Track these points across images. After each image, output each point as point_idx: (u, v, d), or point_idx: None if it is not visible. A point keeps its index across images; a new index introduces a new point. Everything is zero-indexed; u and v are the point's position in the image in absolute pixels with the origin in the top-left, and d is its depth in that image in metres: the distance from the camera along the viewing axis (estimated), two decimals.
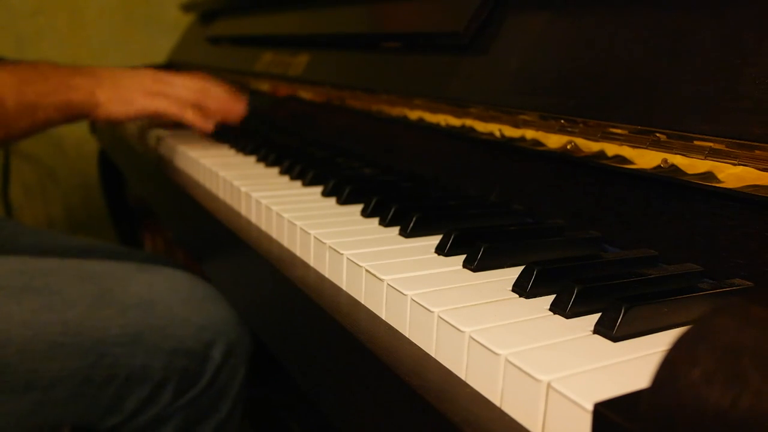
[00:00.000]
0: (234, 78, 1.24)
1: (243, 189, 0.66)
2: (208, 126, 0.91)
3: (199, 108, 0.90)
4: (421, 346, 0.38)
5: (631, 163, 0.47)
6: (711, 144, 0.42)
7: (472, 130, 0.62)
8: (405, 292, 0.40)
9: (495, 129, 0.60)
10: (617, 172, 0.49)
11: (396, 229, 0.53)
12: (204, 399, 0.75)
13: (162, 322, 0.71)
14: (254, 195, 0.64)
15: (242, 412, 0.81)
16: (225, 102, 0.93)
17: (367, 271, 0.44)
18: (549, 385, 0.30)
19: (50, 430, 0.68)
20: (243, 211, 0.67)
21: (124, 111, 0.86)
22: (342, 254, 0.47)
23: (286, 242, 0.57)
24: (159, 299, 0.73)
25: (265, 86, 1.11)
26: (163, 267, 0.80)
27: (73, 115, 0.84)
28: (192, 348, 0.72)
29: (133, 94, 0.87)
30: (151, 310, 0.72)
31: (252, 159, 0.84)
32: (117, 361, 0.68)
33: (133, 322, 0.70)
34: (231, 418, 0.78)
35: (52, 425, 0.67)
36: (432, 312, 0.37)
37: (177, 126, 1.01)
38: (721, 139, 0.42)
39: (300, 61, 1.02)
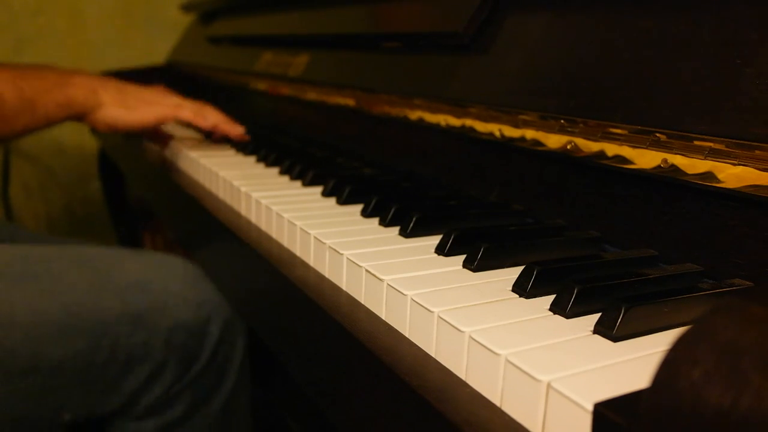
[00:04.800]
0: (234, 78, 1.24)
1: (243, 189, 0.66)
2: (206, 122, 0.90)
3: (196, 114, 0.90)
4: (421, 346, 0.38)
5: (631, 163, 0.47)
6: (711, 144, 0.42)
7: (472, 130, 0.62)
8: (405, 292, 0.40)
9: (495, 129, 0.60)
10: (617, 172, 0.49)
11: (396, 229, 0.53)
12: (208, 375, 0.76)
13: (159, 302, 0.72)
14: (254, 195, 0.64)
15: (250, 385, 0.82)
16: (223, 117, 0.93)
17: (367, 271, 0.44)
18: (549, 385, 0.30)
19: (52, 416, 0.68)
20: (243, 211, 0.67)
21: (127, 117, 0.85)
22: (342, 254, 0.47)
23: (286, 242, 0.57)
24: (155, 279, 0.74)
25: (265, 86, 1.11)
26: (155, 252, 0.82)
27: (73, 112, 0.84)
28: (190, 324, 0.73)
29: (135, 101, 0.86)
30: (148, 290, 0.73)
31: (252, 159, 0.84)
32: (118, 341, 0.69)
33: (132, 302, 0.71)
34: (238, 392, 0.80)
35: (54, 409, 0.68)
36: (432, 312, 0.37)
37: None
38: (721, 139, 0.42)
39: (300, 61, 1.02)
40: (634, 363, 0.32)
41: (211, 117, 0.91)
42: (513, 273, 0.43)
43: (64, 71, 0.86)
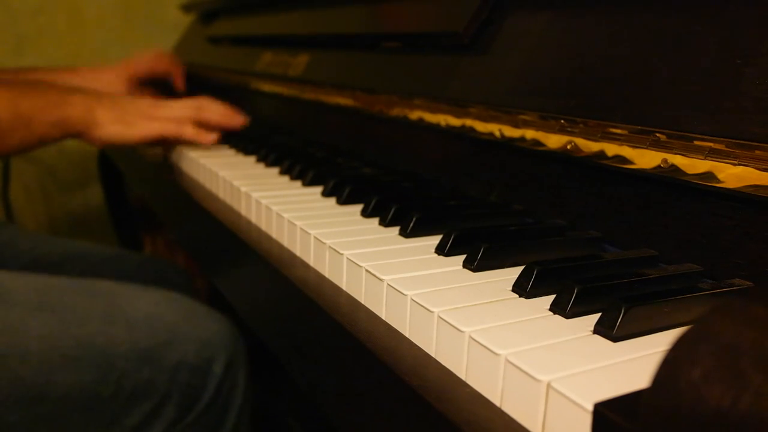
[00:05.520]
0: (234, 78, 1.24)
1: (243, 189, 0.66)
2: (211, 138, 0.89)
3: (198, 124, 0.89)
4: (421, 346, 0.38)
5: (631, 163, 0.47)
6: (711, 144, 0.42)
7: (472, 130, 0.62)
8: (405, 292, 0.40)
9: (495, 129, 0.60)
10: (617, 172, 0.49)
11: (396, 229, 0.53)
12: (210, 415, 0.76)
13: (167, 338, 0.73)
14: (254, 195, 0.64)
15: (249, 424, 0.82)
16: (223, 113, 0.92)
17: (367, 271, 0.44)
18: (549, 385, 0.30)
19: None
20: (243, 212, 0.67)
21: (124, 133, 0.84)
22: (342, 254, 0.47)
23: (286, 242, 0.57)
24: (164, 316, 0.75)
25: (265, 86, 1.11)
26: (164, 289, 0.83)
27: (69, 131, 0.83)
28: (194, 363, 0.74)
29: (134, 117, 0.85)
30: (156, 326, 0.74)
31: (252, 159, 0.84)
32: (124, 375, 0.70)
33: (141, 338, 0.72)
34: (239, 429, 0.80)
35: None
36: (432, 312, 0.37)
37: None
38: (721, 139, 0.42)
39: (300, 61, 1.02)
40: (634, 363, 0.32)
41: (213, 122, 0.90)
42: (513, 273, 0.43)
43: (63, 89, 0.86)
